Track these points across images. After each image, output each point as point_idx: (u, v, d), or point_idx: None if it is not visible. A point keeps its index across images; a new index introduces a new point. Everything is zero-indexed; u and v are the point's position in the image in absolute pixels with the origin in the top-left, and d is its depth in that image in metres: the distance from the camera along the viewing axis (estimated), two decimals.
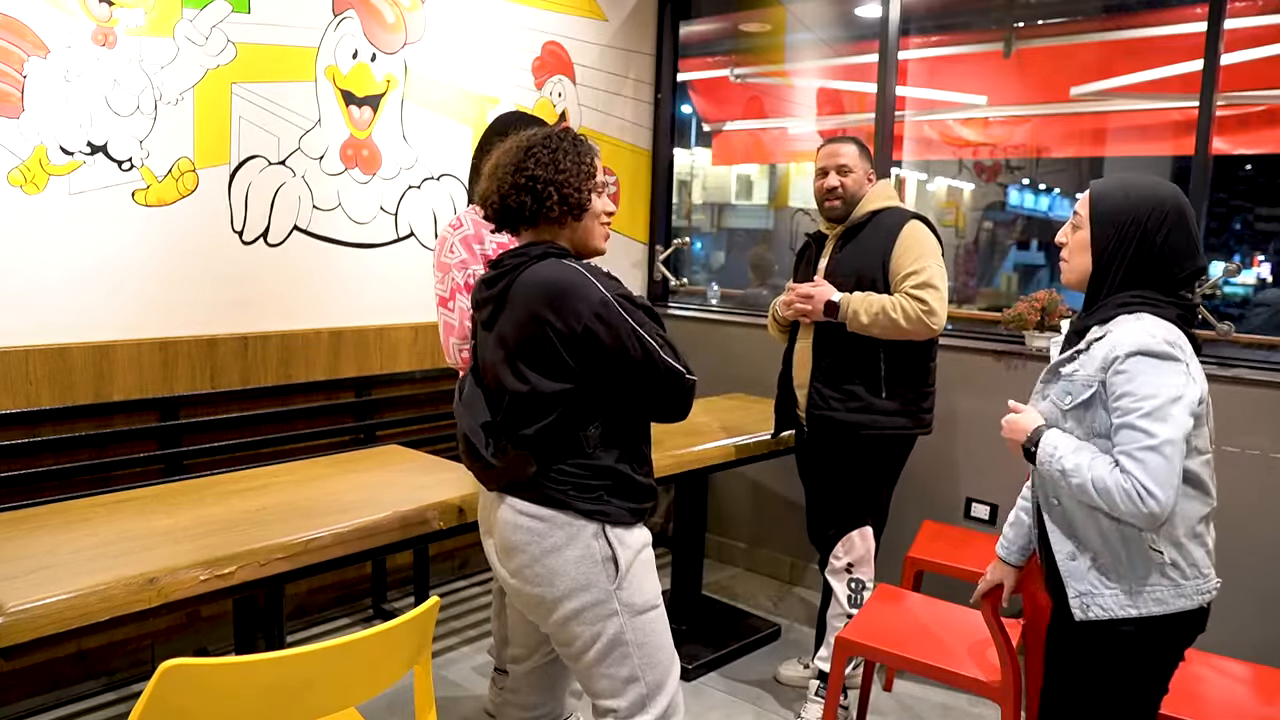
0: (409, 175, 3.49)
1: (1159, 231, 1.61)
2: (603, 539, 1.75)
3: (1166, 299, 1.62)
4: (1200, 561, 1.63)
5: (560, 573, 1.75)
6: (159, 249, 2.88)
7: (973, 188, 4.93)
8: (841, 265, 2.73)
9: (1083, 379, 1.63)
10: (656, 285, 4.56)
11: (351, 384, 3.40)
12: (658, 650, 1.82)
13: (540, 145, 1.75)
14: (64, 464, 2.70)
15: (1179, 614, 1.62)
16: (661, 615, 1.85)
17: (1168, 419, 1.53)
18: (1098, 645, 1.66)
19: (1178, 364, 1.55)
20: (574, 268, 1.71)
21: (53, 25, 2.59)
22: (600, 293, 1.68)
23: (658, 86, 4.45)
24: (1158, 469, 1.52)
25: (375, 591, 3.51)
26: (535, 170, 1.72)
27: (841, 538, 2.76)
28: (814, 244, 2.91)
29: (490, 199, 1.78)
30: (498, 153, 1.81)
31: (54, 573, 1.68)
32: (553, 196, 1.73)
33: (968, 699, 2.96)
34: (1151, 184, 1.66)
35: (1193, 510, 1.63)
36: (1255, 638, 2.71)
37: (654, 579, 1.85)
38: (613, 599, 1.76)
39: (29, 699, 2.72)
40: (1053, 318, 3.17)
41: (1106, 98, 3.66)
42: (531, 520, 1.76)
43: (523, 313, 1.70)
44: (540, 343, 1.69)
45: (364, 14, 3.28)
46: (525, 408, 1.73)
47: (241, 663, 1.38)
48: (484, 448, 1.77)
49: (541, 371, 1.70)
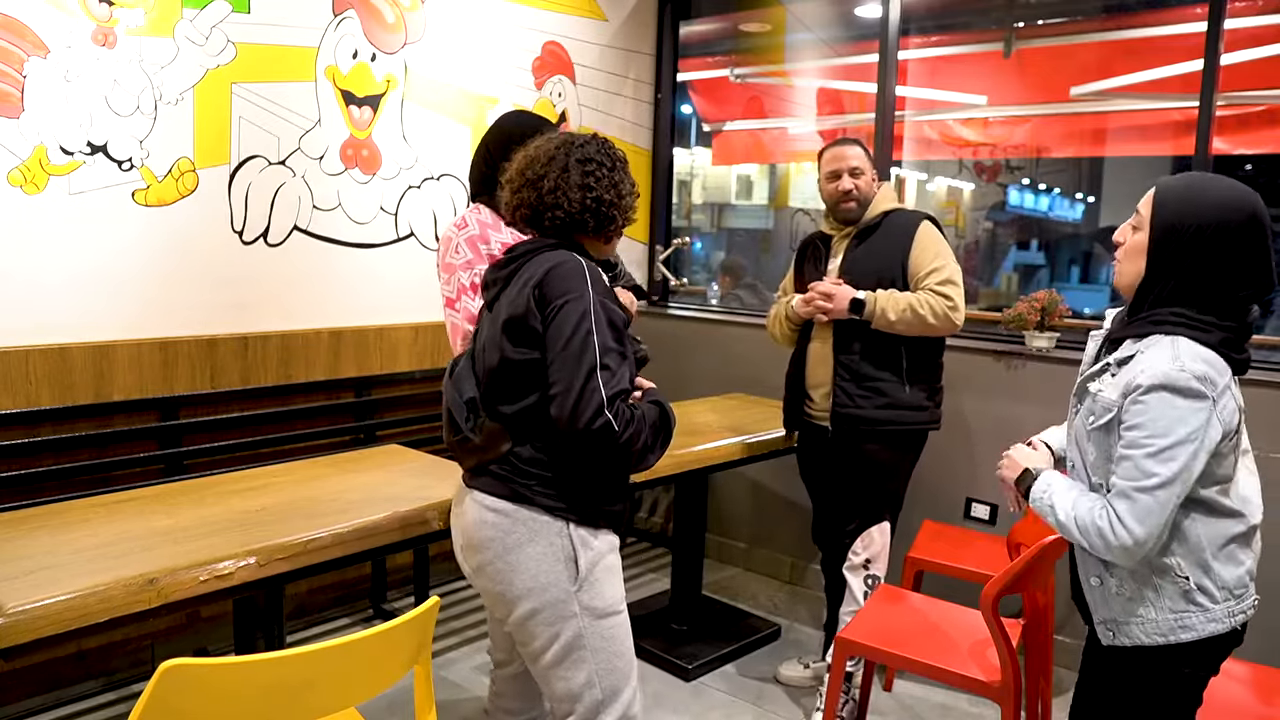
0: (409, 175, 3.49)
1: (1226, 245, 1.45)
2: (566, 537, 1.74)
3: (1215, 321, 1.48)
4: (1232, 583, 1.54)
5: (521, 569, 1.74)
6: (159, 249, 2.88)
7: (973, 188, 4.93)
8: (858, 267, 2.75)
9: (1104, 402, 1.55)
10: (656, 285, 4.56)
11: (351, 384, 3.40)
12: (616, 657, 1.81)
13: (596, 163, 1.77)
14: (64, 464, 2.70)
15: (1210, 638, 1.54)
16: (623, 622, 1.84)
17: (1172, 460, 1.45)
18: (1126, 668, 1.61)
19: (1202, 402, 1.44)
20: (580, 260, 1.73)
21: (53, 25, 2.59)
22: (587, 288, 1.69)
23: (658, 86, 4.45)
24: (1144, 508, 1.46)
25: (375, 591, 3.51)
26: (601, 193, 1.76)
27: (861, 534, 2.78)
28: (819, 245, 2.91)
29: (549, 213, 1.77)
30: (529, 159, 1.80)
31: (53, 573, 1.68)
32: (616, 221, 1.81)
33: (968, 699, 2.96)
34: (1225, 187, 1.49)
35: (1217, 531, 1.54)
36: (1255, 638, 2.70)
37: (618, 585, 1.84)
38: (573, 600, 1.75)
39: (29, 699, 2.72)
40: (1053, 318, 3.18)
41: (1106, 98, 3.66)
42: (497, 515, 1.75)
43: (518, 289, 1.74)
44: (525, 315, 1.71)
45: (364, 14, 3.28)
46: (505, 379, 1.74)
47: (241, 663, 1.38)
48: (463, 421, 1.79)
49: (518, 342, 1.72)
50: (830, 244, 2.87)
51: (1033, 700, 2.57)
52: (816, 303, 2.72)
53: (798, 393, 2.90)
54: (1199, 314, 1.49)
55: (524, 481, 1.74)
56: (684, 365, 4.10)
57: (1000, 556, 2.78)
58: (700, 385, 3.99)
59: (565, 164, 1.76)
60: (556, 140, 1.81)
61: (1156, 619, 1.55)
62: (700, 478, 3.29)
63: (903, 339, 2.68)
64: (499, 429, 1.76)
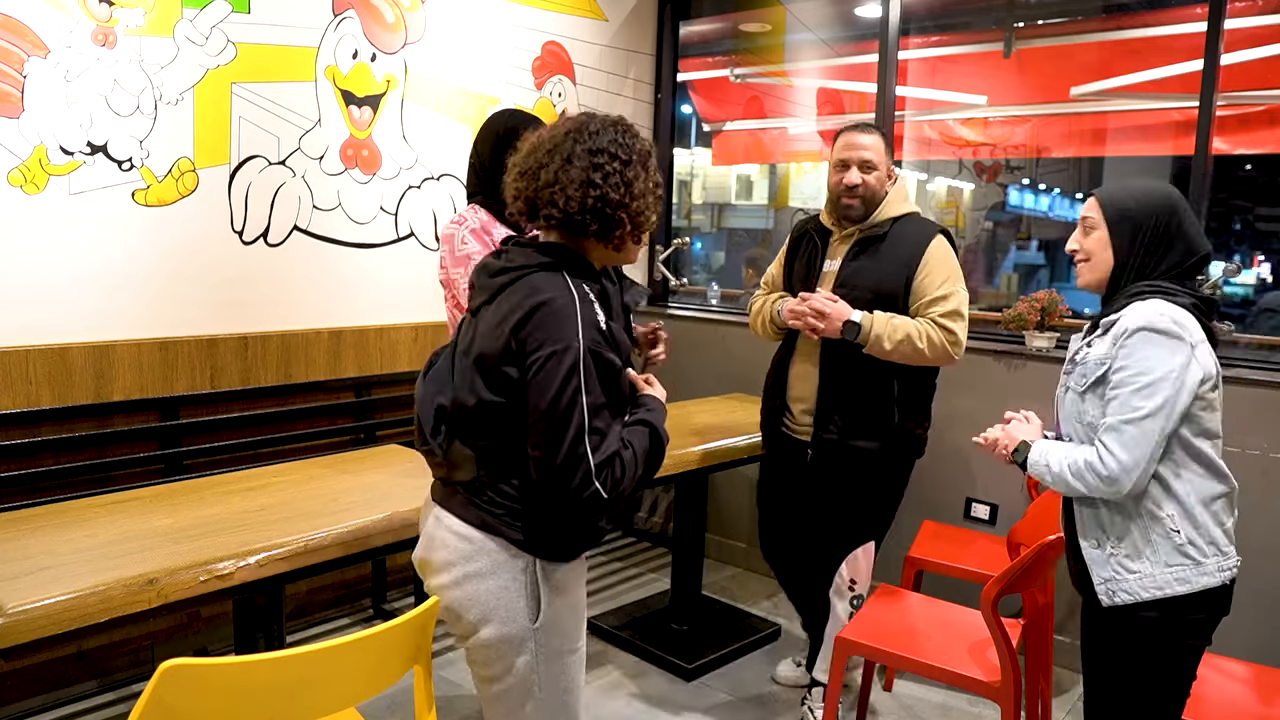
0: (409, 175, 3.49)
1: (1172, 223, 1.72)
2: (531, 574, 1.61)
3: (1179, 288, 1.71)
4: (1219, 540, 1.70)
5: (479, 601, 1.61)
6: (159, 249, 2.88)
7: (973, 188, 4.93)
8: (858, 276, 2.54)
9: (1094, 359, 1.72)
10: (656, 285, 4.56)
11: (351, 384, 3.40)
12: (565, 694, 1.69)
13: (607, 155, 1.54)
14: (64, 464, 2.70)
15: (1202, 592, 1.68)
16: (579, 660, 1.71)
17: (1156, 394, 1.62)
18: (1126, 632, 1.72)
19: (1181, 343, 1.63)
20: (571, 296, 1.51)
21: (53, 25, 2.59)
22: (576, 336, 1.49)
23: (658, 86, 4.45)
24: (1130, 438, 1.63)
25: (375, 591, 3.51)
26: (607, 191, 1.53)
27: (846, 558, 2.67)
28: (816, 239, 2.67)
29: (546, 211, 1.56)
30: (538, 145, 1.58)
31: (54, 573, 1.68)
32: (624, 224, 1.56)
33: (968, 699, 2.96)
34: (1151, 183, 1.79)
35: (1207, 488, 1.70)
36: (1255, 638, 2.71)
37: (580, 620, 1.72)
38: (530, 638, 1.62)
39: (29, 699, 2.72)
40: (1053, 318, 3.18)
41: (1106, 98, 3.66)
42: (459, 541, 1.62)
43: (497, 321, 1.55)
44: (500, 359, 1.53)
45: (364, 14, 3.28)
46: (479, 417, 1.58)
47: (241, 663, 1.38)
48: (430, 435, 1.63)
49: (493, 387, 1.55)
50: (829, 242, 2.65)
51: (1033, 700, 2.57)
52: (808, 319, 2.49)
53: (777, 402, 2.73)
54: (1166, 284, 1.71)
55: (492, 511, 1.60)
56: (684, 365, 4.10)
57: (1000, 556, 2.78)
58: (700, 385, 3.98)
59: (570, 153, 1.54)
60: (569, 124, 1.58)
61: (1154, 573, 1.69)
62: (700, 478, 3.29)
63: (895, 364, 2.50)
64: (470, 455, 1.60)
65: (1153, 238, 1.72)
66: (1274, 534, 2.80)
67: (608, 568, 4.05)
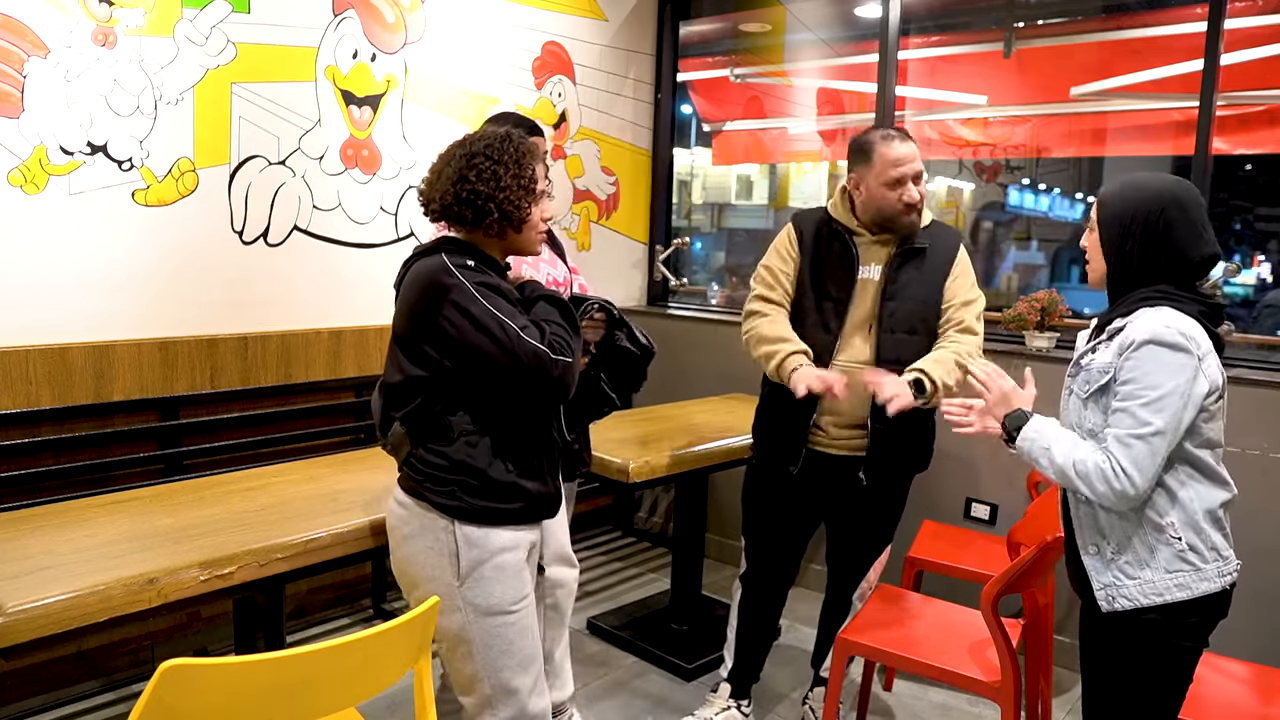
0: (409, 175, 3.49)
1: (1160, 224, 1.66)
2: (450, 534, 1.79)
3: (1187, 295, 1.66)
4: (1219, 545, 1.69)
5: (413, 561, 1.83)
6: (159, 249, 2.88)
7: (973, 188, 4.93)
8: (906, 292, 2.40)
9: (1099, 367, 1.69)
10: (656, 285, 4.56)
11: (351, 384, 3.40)
12: (504, 655, 1.83)
13: (483, 156, 1.77)
14: (64, 464, 2.70)
15: (1202, 597, 1.66)
16: (514, 623, 1.83)
17: (1164, 410, 1.59)
18: (1125, 636, 1.71)
19: (1188, 356, 1.60)
20: (443, 262, 1.75)
21: (53, 25, 2.59)
22: (459, 282, 1.72)
23: (658, 86, 4.46)
24: (1140, 455, 1.60)
25: (375, 591, 3.51)
26: (477, 185, 1.75)
27: (874, 562, 2.68)
28: (845, 240, 2.44)
29: (432, 205, 1.81)
30: (442, 155, 1.84)
31: (54, 573, 1.68)
32: (493, 213, 1.76)
33: (968, 699, 2.96)
34: (1150, 179, 1.72)
35: (1210, 496, 1.68)
36: (1255, 638, 2.71)
37: (512, 586, 1.83)
38: (456, 595, 1.80)
39: (29, 699, 2.72)
40: (1053, 318, 3.17)
41: (1106, 98, 3.66)
42: (399, 508, 1.85)
43: (400, 302, 1.81)
44: (413, 338, 1.76)
45: (364, 14, 3.28)
46: (396, 392, 1.81)
47: (241, 663, 1.38)
48: (378, 426, 1.87)
49: (409, 357, 1.78)
50: (858, 248, 2.43)
51: (1032, 700, 2.57)
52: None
53: (802, 417, 2.45)
54: (1173, 290, 1.67)
55: (419, 479, 1.80)
56: (684, 365, 4.10)
57: (1000, 556, 2.78)
58: (700, 385, 3.98)
59: (451, 158, 1.80)
60: (465, 138, 1.84)
61: (1154, 579, 1.67)
62: (700, 478, 3.29)
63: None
64: (403, 433, 1.82)
65: (1142, 239, 1.67)
66: (1274, 534, 2.80)
67: (608, 568, 4.05)
